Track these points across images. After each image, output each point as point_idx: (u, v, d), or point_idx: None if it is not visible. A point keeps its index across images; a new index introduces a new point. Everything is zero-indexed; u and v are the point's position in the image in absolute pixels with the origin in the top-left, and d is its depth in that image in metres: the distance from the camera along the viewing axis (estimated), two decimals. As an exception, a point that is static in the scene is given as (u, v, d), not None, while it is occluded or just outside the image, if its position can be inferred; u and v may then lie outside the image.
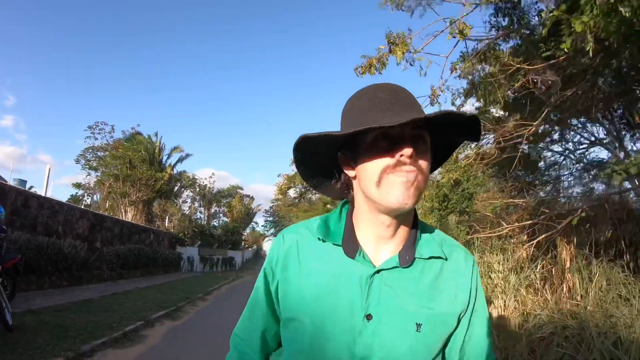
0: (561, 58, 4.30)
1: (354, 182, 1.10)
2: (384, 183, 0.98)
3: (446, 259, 1.09)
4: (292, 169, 29.75)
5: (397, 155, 0.96)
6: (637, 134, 7.22)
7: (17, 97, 76.57)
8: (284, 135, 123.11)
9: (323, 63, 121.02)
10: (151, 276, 21.99)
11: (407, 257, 1.05)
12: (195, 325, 9.56)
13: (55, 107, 73.23)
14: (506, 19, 5.49)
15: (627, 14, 2.89)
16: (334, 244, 1.08)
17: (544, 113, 5.22)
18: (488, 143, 7.47)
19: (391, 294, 1.02)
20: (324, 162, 1.14)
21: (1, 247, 6.94)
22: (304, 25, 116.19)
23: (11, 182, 16.90)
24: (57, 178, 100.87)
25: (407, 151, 0.94)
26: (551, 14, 3.36)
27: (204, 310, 12.12)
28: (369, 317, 1.00)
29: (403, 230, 1.08)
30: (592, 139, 8.08)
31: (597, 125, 7.74)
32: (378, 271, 1.03)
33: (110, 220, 21.10)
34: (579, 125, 7.97)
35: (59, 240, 13.64)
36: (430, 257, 1.07)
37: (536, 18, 5.19)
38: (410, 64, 5.21)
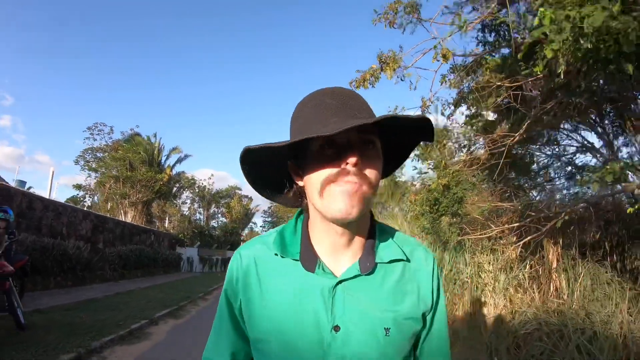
0: (539, 76, 4.61)
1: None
2: (326, 193, 0.96)
3: (408, 260, 1.09)
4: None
5: (343, 164, 0.94)
6: (629, 138, 7.37)
7: (15, 97, 76.41)
8: (284, 136, 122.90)
9: (323, 62, 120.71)
10: (152, 276, 22.27)
11: (367, 263, 1.04)
12: (197, 324, 9.84)
13: (53, 107, 72.98)
14: (492, 35, 5.82)
15: (589, 46, 3.22)
16: (291, 259, 1.06)
17: (526, 124, 5.55)
18: (478, 148, 7.72)
19: (356, 302, 1.01)
20: (274, 172, 1.11)
21: (11, 249, 7.19)
22: (305, 23, 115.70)
23: (12, 184, 17.09)
24: (55, 178, 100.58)
25: (352, 160, 0.92)
26: (525, 41, 3.68)
27: (205, 310, 12.39)
28: (336, 328, 0.99)
29: (360, 237, 1.06)
30: (585, 142, 8.20)
31: (589, 129, 7.86)
32: (340, 281, 1.02)
33: (112, 221, 21.36)
34: (571, 129, 8.12)
35: (63, 241, 13.96)
36: (391, 261, 1.07)
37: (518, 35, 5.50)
38: (401, 79, 5.55)
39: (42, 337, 6.52)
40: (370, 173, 0.96)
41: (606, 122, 7.41)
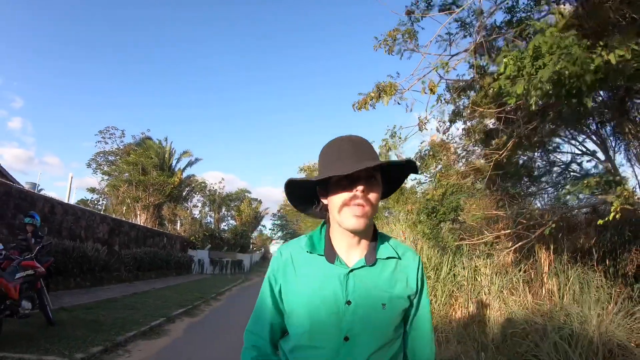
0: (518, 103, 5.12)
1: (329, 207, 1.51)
2: (342, 211, 1.39)
3: (400, 258, 1.52)
4: (300, 177, 30.68)
5: (354, 191, 1.37)
6: (628, 146, 7.58)
7: (25, 99, 77.01)
8: (292, 139, 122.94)
9: (333, 65, 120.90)
10: (165, 278, 22.78)
11: (370, 258, 1.46)
12: (212, 322, 10.45)
13: (62, 110, 73.66)
14: (483, 59, 6.33)
15: (548, 88, 3.77)
16: (318, 255, 1.48)
17: (510, 144, 6.07)
18: (475, 159, 8.13)
19: (362, 285, 1.42)
20: (307, 193, 1.56)
21: (40, 252, 7.72)
22: (315, 27, 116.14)
23: (25, 186, 17.61)
24: (64, 180, 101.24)
25: (360, 188, 1.36)
26: (495, 83, 4.20)
27: (219, 309, 12.94)
28: (348, 302, 1.40)
29: (366, 240, 1.49)
30: (584, 150, 8.35)
31: (586, 137, 8.07)
32: (351, 270, 1.43)
33: (127, 224, 21.96)
34: (570, 137, 8.36)
35: (82, 244, 14.59)
36: (388, 257, 1.50)
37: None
38: (398, 103, 6.11)
39: (70, 332, 7.11)
40: (373, 197, 1.40)
41: (608, 128, 7.63)
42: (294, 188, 1.54)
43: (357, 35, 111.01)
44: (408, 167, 1.50)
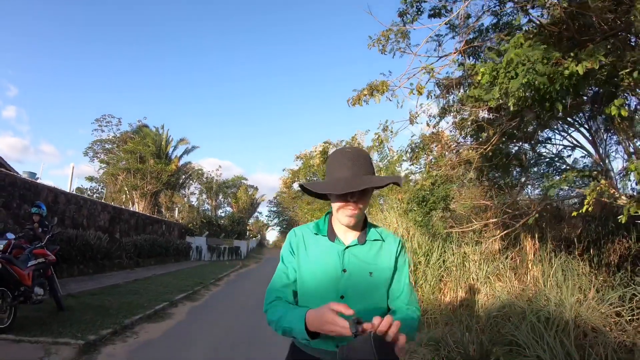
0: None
1: None
2: (339, 213, 1.82)
3: (383, 241, 1.93)
4: (296, 164, 31.03)
5: (348, 202, 1.77)
6: (618, 138, 7.76)
7: (19, 87, 76.36)
8: (286, 124, 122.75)
9: (326, 48, 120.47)
10: (164, 264, 23.14)
11: (362, 239, 1.88)
12: (212, 305, 10.88)
13: (57, 98, 73.24)
14: (472, 58, 6.69)
15: (521, 94, 4.17)
16: (322, 235, 1.91)
17: (494, 139, 6.45)
18: (465, 149, 8.42)
19: (355, 258, 1.84)
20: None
21: (50, 241, 8.01)
22: (310, 11, 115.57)
23: (22, 175, 17.78)
24: (59, 168, 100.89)
25: (352, 199, 1.76)
26: (473, 90, 4.62)
27: (218, 293, 13.32)
28: (344, 271, 1.81)
29: (358, 226, 1.90)
30: (573, 142, 8.63)
31: (576, 129, 8.37)
32: (347, 247, 1.85)
33: (127, 212, 22.32)
34: (560, 129, 8.61)
35: (84, 232, 14.97)
36: (375, 240, 1.91)
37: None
38: (390, 100, 6.47)
39: (80, 316, 7.52)
40: (362, 204, 1.80)
41: (599, 121, 7.83)
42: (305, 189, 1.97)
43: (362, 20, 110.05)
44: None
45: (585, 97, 6.86)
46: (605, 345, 4.70)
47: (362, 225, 1.95)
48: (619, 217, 4.76)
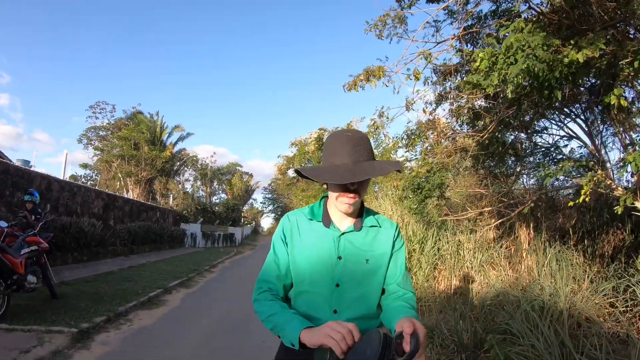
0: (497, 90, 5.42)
1: None
2: (337, 200, 1.72)
3: (380, 227, 1.85)
4: (291, 151, 30.89)
5: (348, 187, 1.67)
6: (614, 130, 7.70)
7: (13, 75, 75.39)
8: (282, 110, 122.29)
9: (323, 34, 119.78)
10: (159, 251, 23.16)
11: (359, 226, 1.81)
12: (206, 292, 10.86)
13: (50, 85, 72.39)
14: (469, 45, 6.63)
15: (520, 81, 4.12)
16: (317, 221, 1.83)
17: (491, 126, 6.41)
18: (461, 138, 8.39)
19: (350, 245, 1.77)
20: None
21: (42, 229, 7.95)
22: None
23: (15, 163, 17.67)
24: (53, 156, 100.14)
25: (352, 187, 1.67)
26: (471, 76, 4.54)
27: (213, 280, 13.29)
28: (339, 258, 1.75)
29: (355, 212, 1.80)
30: (569, 133, 8.51)
31: (572, 120, 8.26)
32: (343, 233, 1.78)
33: (121, 199, 22.19)
34: (556, 120, 8.56)
35: (78, 219, 14.88)
36: (371, 226, 1.84)
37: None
38: (386, 85, 6.39)
39: (74, 304, 7.50)
40: (361, 192, 1.72)
41: (595, 112, 7.76)
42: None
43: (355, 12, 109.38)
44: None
45: (582, 88, 6.82)
46: (599, 336, 4.70)
47: (359, 211, 1.88)
48: (615, 208, 4.74)
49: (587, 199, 4.76)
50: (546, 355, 4.34)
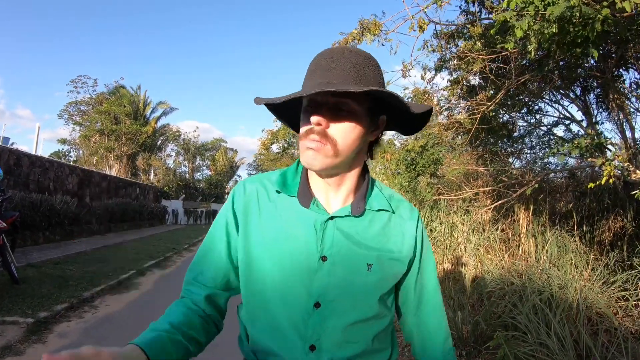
0: (512, 51, 4.83)
1: None
2: (300, 146, 1.09)
3: (393, 212, 1.21)
4: (276, 125, 29.93)
5: (311, 116, 1.05)
6: (611, 114, 7.45)
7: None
8: (268, 85, 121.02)
9: (309, 8, 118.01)
10: (138, 229, 22.58)
11: (358, 207, 1.16)
12: (182, 273, 10.10)
13: (31, 60, 70.78)
14: (476, 4, 5.97)
15: (554, 30, 3.47)
16: (290, 196, 1.18)
17: (500, 95, 5.82)
18: (459, 112, 7.91)
19: (343, 238, 1.12)
20: (294, 116, 1.24)
21: (1, 206, 7.37)
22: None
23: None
24: (35, 133, 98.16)
25: (313, 119, 1.04)
26: (497, 18, 3.83)
27: (190, 260, 12.65)
28: (324, 258, 1.10)
29: (350, 183, 1.18)
30: (566, 114, 8.28)
31: (571, 102, 8.00)
32: (332, 218, 1.14)
33: (98, 175, 21.40)
34: (554, 100, 8.22)
35: (50, 196, 14.17)
36: (379, 210, 1.19)
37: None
38: (382, 44, 5.69)
39: (36, 289, 6.85)
40: (337, 134, 1.06)
41: (592, 96, 7.47)
42: (276, 110, 1.24)
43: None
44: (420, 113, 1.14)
45: (579, 70, 6.33)
46: (614, 334, 4.25)
47: (357, 184, 1.21)
48: (634, 193, 4.24)
49: (611, 180, 4.20)
50: (561, 356, 3.82)
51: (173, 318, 1.14)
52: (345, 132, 1.06)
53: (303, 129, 1.08)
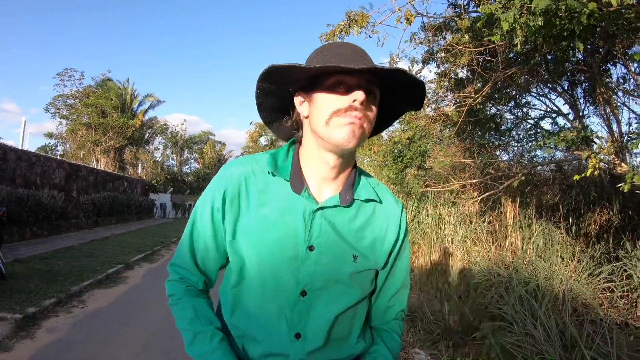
0: (500, 44, 4.86)
1: (305, 122, 1.19)
2: (333, 123, 1.06)
3: (380, 202, 1.23)
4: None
5: (350, 100, 1.04)
6: (598, 108, 7.46)
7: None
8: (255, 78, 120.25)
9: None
10: (126, 223, 22.39)
11: (347, 197, 1.17)
12: (170, 267, 10.23)
13: (17, 53, 69.85)
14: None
15: (540, 23, 3.50)
16: (282, 179, 1.17)
17: (487, 87, 5.85)
18: (446, 105, 7.95)
19: (331, 228, 1.14)
20: (280, 102, 1.23)
21: None
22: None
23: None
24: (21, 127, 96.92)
25: (360, 95, 1.03)
26: (484, 9, 3.84)
27: (179, 254, 12.71)
28: (311, 248, 1.12)
29: (344, 173, 1.19)
30: (553, 108, 8.26)
31: (558, 95, 7.99)
32: (321, 208, 1.14)
33: (85, 169, 21.23)
34: (541, 94, 8.22)
35: (37, 191, 14.03)
36: (367, 200, 1.20)
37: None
38: (369, 37, 5.69)
39: (23, 285, 6.80)
40: (370, 114, 1.09)
41: (579, 90, 7.53)
42: (268, 87, 1.17)
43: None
44: (411, 93, 1.16)
45: (567, 64, 6.38)
46: (599, 324, 4.31)
47: (349, 173, 1.22)
48: (619, 186, 4.30)
49: (596, 173, 4.26)
50: (547, 347, 3.89)
51: (212, 318, 1.22)
52: (372, 117, 1.11)
53: (338, 104, 1.07)
